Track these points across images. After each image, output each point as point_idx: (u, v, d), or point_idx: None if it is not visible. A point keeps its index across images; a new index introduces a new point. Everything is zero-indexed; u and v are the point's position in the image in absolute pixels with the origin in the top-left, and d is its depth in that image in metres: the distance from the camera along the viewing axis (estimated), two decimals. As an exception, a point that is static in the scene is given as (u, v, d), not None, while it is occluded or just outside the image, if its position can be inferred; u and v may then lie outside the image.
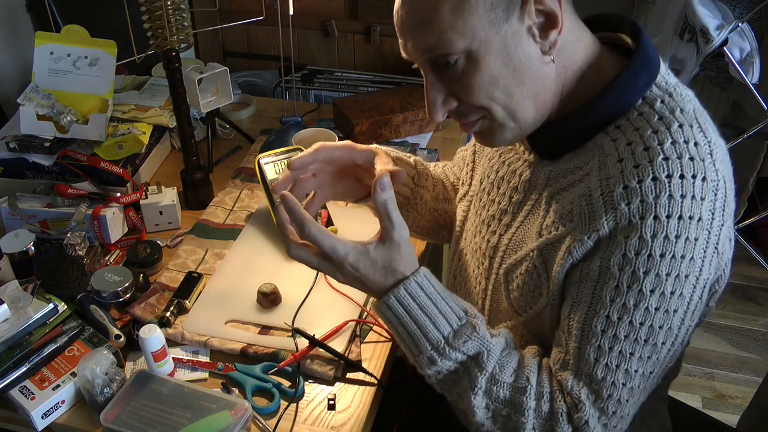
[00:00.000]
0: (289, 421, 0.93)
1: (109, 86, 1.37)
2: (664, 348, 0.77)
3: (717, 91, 2.34)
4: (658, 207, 0.70)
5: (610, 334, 0.76)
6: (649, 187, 0.71)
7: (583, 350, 0.77)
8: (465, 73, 0.75)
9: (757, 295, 2.36)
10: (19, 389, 0.94)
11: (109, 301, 1.08)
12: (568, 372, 0.79)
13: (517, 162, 0.89)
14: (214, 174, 1.43)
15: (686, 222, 0.71)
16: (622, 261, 0.73)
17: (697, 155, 0.72)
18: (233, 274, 1.17)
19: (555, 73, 0.77)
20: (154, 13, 1.16)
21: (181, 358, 1.02)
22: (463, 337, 0.79)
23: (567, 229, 0.77)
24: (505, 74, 0.74)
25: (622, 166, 0.73)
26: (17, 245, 1.15)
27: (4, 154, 1.32)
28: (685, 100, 0.77)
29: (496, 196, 0.91)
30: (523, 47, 0.74)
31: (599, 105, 0.77)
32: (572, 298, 0.78)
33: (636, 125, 0.75)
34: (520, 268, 0.84)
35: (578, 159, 0.80)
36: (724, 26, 1.81)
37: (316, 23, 2.64)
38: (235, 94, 1.62)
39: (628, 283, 0.73)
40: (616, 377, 0.77)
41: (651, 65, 0.78)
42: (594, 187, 0.75)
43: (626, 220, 0.71)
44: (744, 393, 2.02)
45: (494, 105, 0.76)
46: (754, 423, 1.25)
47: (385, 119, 1.51)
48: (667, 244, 0.71)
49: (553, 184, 0.82)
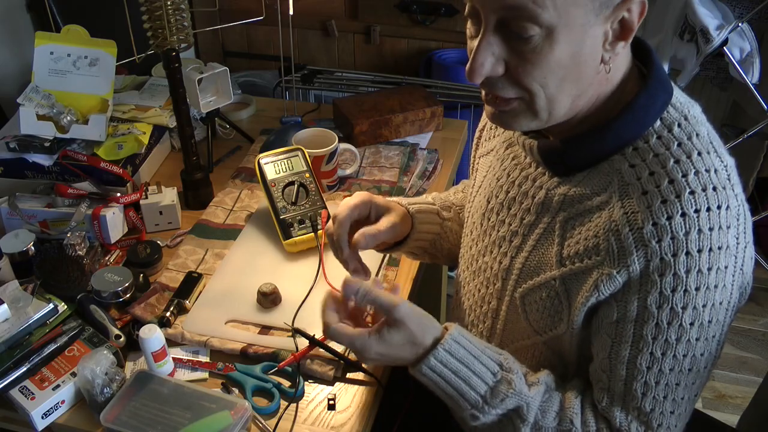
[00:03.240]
0: (289, 421, 0.93)
1: (109, 86, 1.37)
2: (706, 370, 0.80)
3: (717, 91, 2.34)
4: (690, 243, 0.71)
5: (655, 369, 0.77)
6: (679, 224, 0.71)
7: (629, 387, 0.79)
8: (535, 49, 0.70)
9: (757, 295, 2.36)
10: (19, 389, 0.94)
11: (109, 301, 1.08)
12: (615, 408, 0.80)
13: (526, 182, 0.87)
14: (214, 174, 1.43)
15: (716, 253, 0.72)
16: (659, 299, 0.73)
17: (719, 184, 0.72)
18: (233, 274, 1.17)
19: (599, 82, 0.76)
20: (154, 13, 1.16)
21: (181, 358, 1.02)
22: (500, 395, 0.80)
23: (593, 262, 0.76)
24: (567, 66, 0.71)
25: (648, 201, 0.72)
26: (17, 245, 1.15)
27: (4, 154, 1.32)
28: (699, 122, 0.77)
29: (506, 217, 0.89)
30: (593, 47, 0.72)
31: (618, 125, 0.76)
32: (611, 339, 0.78)
33: (656, 151, 0.75)
34: (540, 294, 0.83)
35: (594, 182, 0.78)
36: (724, 26, 1.81)
37: (316, 23, 2.64)
38: (235, 94, 1.62)
39: (668, 320, 0.74)
40: (665, 407, 0.79)
41: (666, 86, 0.78)
42: (621, 223, 0.74)
43: (658, 258, 0.72)
44: (744, 393, 2.02)
45: (541, 91, 0.73)
46: (754, 423, 1.25)
47: (385, 119, 1.51)
48: (701, 278, 0.72)
49: (568, 208, 0.81)
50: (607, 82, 0.77)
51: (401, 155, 1.48)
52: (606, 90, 0.77)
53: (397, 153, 1.49)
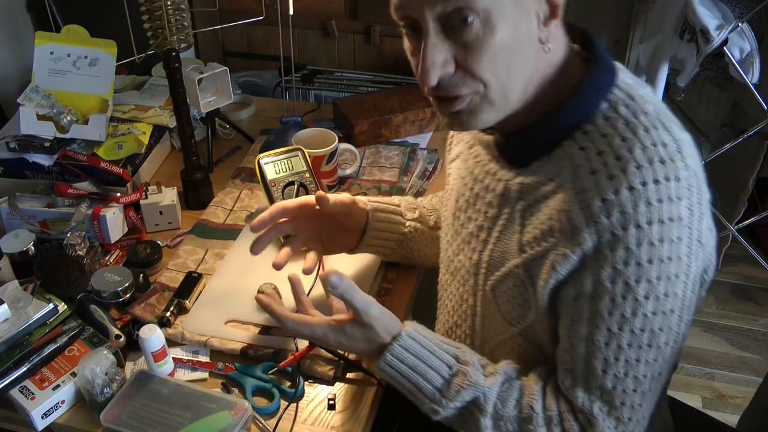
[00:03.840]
0: (289, 421, 0.93)
1: (109, 86, 1.37)
2: (668, 347, 0.78)
3: (717, 91, 2.34)
4: (639, 216, 0.71)
5: (614, 345, 0.77)
6: (626, 198, 0.71)
7: (590, 365, 0.79)
8: (477, 37, 0.72)
9: (757, 295, 2.36)
10: (19, 389, 0.94)
11: (109, 301, 1.08)
12: (578, 389, 0.80)
13: (487, 177, 0.88)
14: (214, 174, 1.43)
15: (667, 224, 0.71)
16: (612, 274, 0.73)
17: (667, 157, 0.72)
18: (233, 274, 1.17)
19: (542, 65, 0.77)
20: (154, 13, 1.16)
21: (181, 358, 1.02)
22: (454, 387, 0.83)
23: (549, 244, 0.78)
24: (511, 48, 0.73)
25: (596, 179, 0.73)
26: (17, 245, 1.15)
27: (4, 154, 1.32)
28: (646, 101, 0.77)
29: (472, 214, 0.91)
30: (529, 29, 0.74)
31: (566, 110, 0.77)
32: (570, 317, 0.78)
33: (604, 131, 0.75)
34: (508, 283, 0.85)
35: (548, 168, 0.79)
36: (724, 26, 1.81)
37: (316, 23, 2.64)
38: (235, 94, 1.62)
39: (623, 294, 0.74)
40: (626, 385, 0.78)
41: (610, 68, 0.79)
42: (571, 201, 0.75)
43: (609, 233, 0.72)
44: (744, 393, 2.02)
45: (493, 79, 0.75)
46: (754, 423, 1.25)
47: (385, 119, 1.51)
48: (652, 250, 0.72)
49: (526, 196, 0.82)
50: (549, 65, 0.78)
51: (401, 155, 1.48)
52: (549, 73, 0.79)
53: (397, 153, 1.49)
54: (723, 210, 2.14)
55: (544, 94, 0.79)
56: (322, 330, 0.87)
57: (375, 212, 1.09)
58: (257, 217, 1.00)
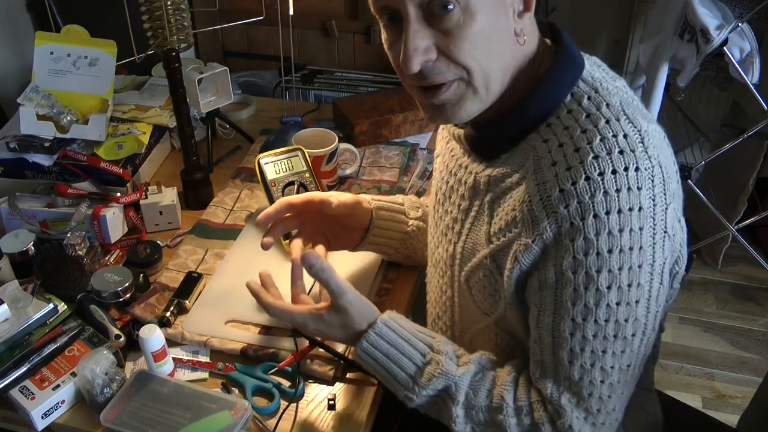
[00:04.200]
0: (289, 421, 0.93)
1: (109, 86, 1.37)
2: (635, 339, 0.78)
3: (717, 91, 2.34)
4: (596, 205, 0.71)
5: (578, 336, 0.77)
6: (583, 188, 0.72)
7: (557, 356, 0.79)
8: (457, 25, 0.73)
9: (757, 295, 2.36)
10: (19, 389, 0.94)
11: (109, 301, 1.08)
12: (547, 380, 0.81)
13: (460, 170, 0.90)
14: (214, 174, 1.43)
15: (626, 214, 0.72)
16: (573, 264, 0.74)
17: (627, 147, 0.73)
18: (233, 274, 1.17)
19: (516, 56, 0.79)
20: (154, 13, 1.16)
21: (181, 358, 1.02)
22: (426, 375, 0.84)
23: (513, 235, 0.79)
24: (490, 36, 0.75)
25: (556, 170, 0.74)
26: (17, 245, 1.15)
27: (4, 154, 1.32)
28: (611, 93, 0.78)
29: (448, 206, 0.93)
30: (507, 19, 0.76)
31: (531, 102, 0.79)
32: (536, 308, 0.79)
33: (566, 124, 0.76)
34: (478, 274, 0.86)
35: (513, 161, 0.81)
36: (724, 26, 1.81)
37: (316, 23, 2.64)
38: (235, 94, 1.62)
39: (585, 284, 0.74)
40: (593, 376, 0.79)
41: (575, 61, 0.80)
42: (532, 193, 0.76)
43: (568, 223, 0.73)
44: (744, 393, 2.02)
45: (475, 66, 0.76)
46: (754, 423, 1.25)
47: (385, 119, 1.52)
48: (612, 240, 0.72)
49: (494, 189, 0.83)
50: (524, 57, 0.80)
51: (401, 155, 1.48)
52: (522, 65, 0.80)
53: (397, 153, 1.49)
54: (723, 210, 2.13)
55: (516, 85, 0.80)
56: (302, 318, 0.89)
57: (378, 211, 1.09)
58: (263, 212, 1.00)
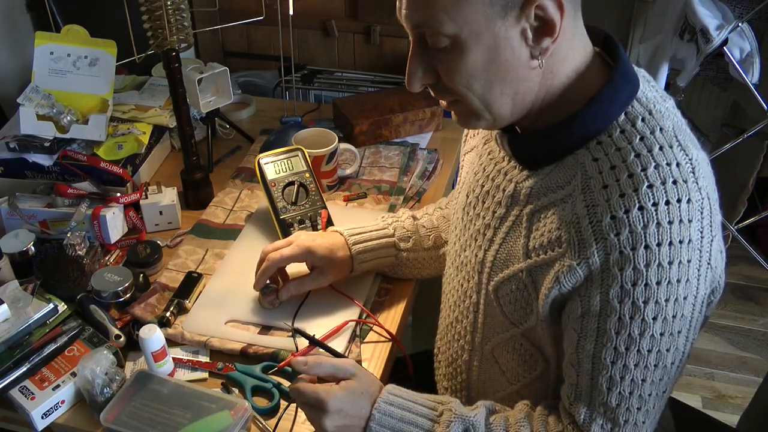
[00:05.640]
0: (289, 421, 0.93)
1: (109, 86, 1.37)
2: (673, 367, 0.79)
3: (717, 91, 2.34)
4: (648, 236, 0.71)
5: (620, 364, 0.77)
6: (636, 217, 0.71)
7: (595, 382, 0.79)
8: (450, 57, 0.75)
9: (757, 295, 2.36)
10: (19, 389, 0.94)
11: (109, 301, 1.08)
12: (581, 404, 0.81)
13: (499, 176, 0.88)
14: (214, 174, 1.43)
15: (677, 246, 0.71)
16: (620, 293, 0.73)
17: (680, 177, 0.72)
18: (233, 274, 1.17)
19: (540, 76, 0.77)
20: (154, 13, 1.16)
21: (181, 358, 1.02)
22: (445, 423, 0.83)
23: (556, 254, 0.77)
24: (488, 69, 0.74)
25: (607, 194, 0.73)
26: (17, 245, 1.15)
27: (4, 154, 1.32)
28: (664, 116, 0.77)
29: (481, 211, 0.91)
30: (512, 47, 0.73)
31: (582, 118, 0.77)
32: (576, 333, 0.78)
33: (618, 145, 0.75)
34: (510, 285, 0.85)
35: (559, 175, 0.79)
36: (724, 26, 1.81)
37: (316, 23, 2.64)
38: (235, 94, 1.62)
39: (630, 314, 0.74)
40: (631, 403, 0.79)
41: (631, 79, 0.78)
42: (581, 215, 0.74)
43: (617, 251, 0.72)
44: (744, 393, 2.02)
45: (470, 95, 0.77)
46: (754, 423, 1.25)
47: (385, 119, 1.51)
48: (661, 272, 0.71)
49: (534, 201, 0.82)
50: (554, 76, 0.77)
51: (401, 155, 1.48)
52: (556, 83, 0.78)
53: (397, 153, 1.49)
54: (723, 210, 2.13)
55: (558, 100, 0.79)
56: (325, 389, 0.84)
57: (359, 255, 1.09)
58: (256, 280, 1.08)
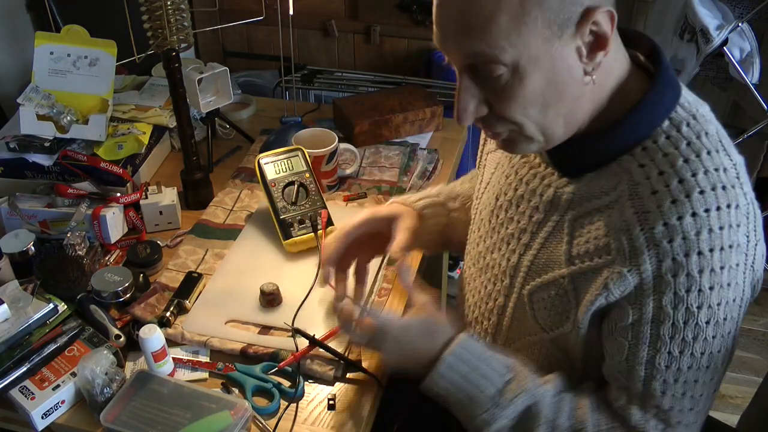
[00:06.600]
0: (289, 421, 0.93)
1: (109, 86, 1.37)
2: (723, 366, 0.80)
3: (717, 91, 2.34)
4: (701, 243, 0.71)
5: (674, 368, 0.77)
6: (689, 224, 0.71)
7: (648, 386, 0.79)
8: (506, 86, 0.72)
9: (757, 295, 2.36)
10: (19, 389, 0.94)
11: (109, 301, 1.08)
12: (633, 407, 0.81)
13: (534, 180, 0.87)
14: (214, 174, 1.43)
15: (727, 251, 0.72)
16: (674, 300, 0.73)
17: (728, 182, 0.73)
18: (233, 274, 1.17)
19: (591, 92, 0.75)
20: (154, 13, 1.16)
21: (181, 358, 1.02)
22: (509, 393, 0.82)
23: (604, 261, 0.76)
24: (545, 92, 0.72)
25: (658, 200, 0.72)
26: (17, 245, 1.15)
27: (4, 154, 1.32)
28: (708, 121, 0.77)
29: (515, 215, 0.89)
30: (569, 66, 0.72)
31: (626, 125, 0.76)
32: (627, 341, 0.78)
33: (665, 150, 0.74)
34: (549, 291, 0.84)
35: (603, 182, 0.78)
36: (724, 26, 1.81)
37: (316, 23, 2.64)
38: (235, 94, 1.62)
39: (684, 320, 0.74)
40: (683, 404, 0.80)
41: (673, 84, 0.78)
42: (631, 222, 0.74)
43: (670, 258, 0.72)
44: (744, 393, 2.02)
45: (527, 121, 0.75)
46: (754, 423, 1.25)
47: (385, 119, 1.51)
48: (714, 277, 0.72)
49: (577, 207, 0.81)
50: (601, 90, 0.76)
51: (401, 155, 1.48)
52: (602, 96, 0.77)
53: (397, 153, 1.49)
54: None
55: (600, 111, 0.78)
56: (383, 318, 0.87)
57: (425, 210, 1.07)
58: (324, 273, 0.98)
